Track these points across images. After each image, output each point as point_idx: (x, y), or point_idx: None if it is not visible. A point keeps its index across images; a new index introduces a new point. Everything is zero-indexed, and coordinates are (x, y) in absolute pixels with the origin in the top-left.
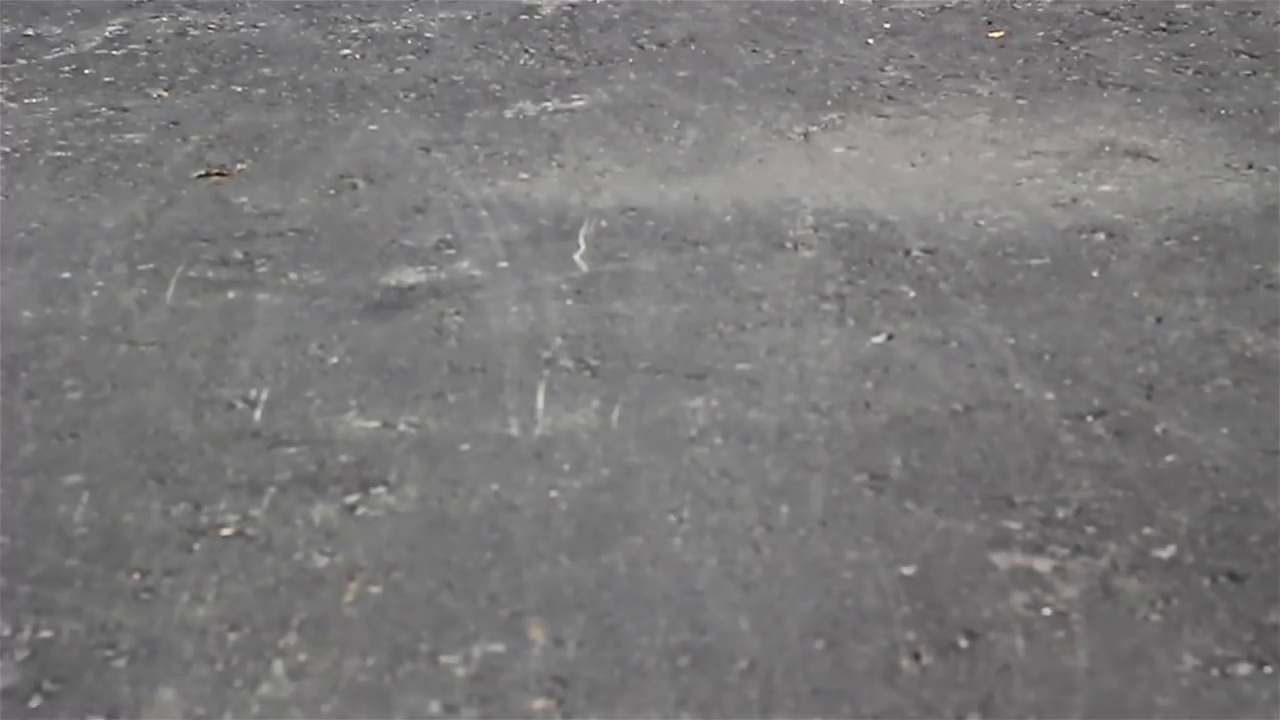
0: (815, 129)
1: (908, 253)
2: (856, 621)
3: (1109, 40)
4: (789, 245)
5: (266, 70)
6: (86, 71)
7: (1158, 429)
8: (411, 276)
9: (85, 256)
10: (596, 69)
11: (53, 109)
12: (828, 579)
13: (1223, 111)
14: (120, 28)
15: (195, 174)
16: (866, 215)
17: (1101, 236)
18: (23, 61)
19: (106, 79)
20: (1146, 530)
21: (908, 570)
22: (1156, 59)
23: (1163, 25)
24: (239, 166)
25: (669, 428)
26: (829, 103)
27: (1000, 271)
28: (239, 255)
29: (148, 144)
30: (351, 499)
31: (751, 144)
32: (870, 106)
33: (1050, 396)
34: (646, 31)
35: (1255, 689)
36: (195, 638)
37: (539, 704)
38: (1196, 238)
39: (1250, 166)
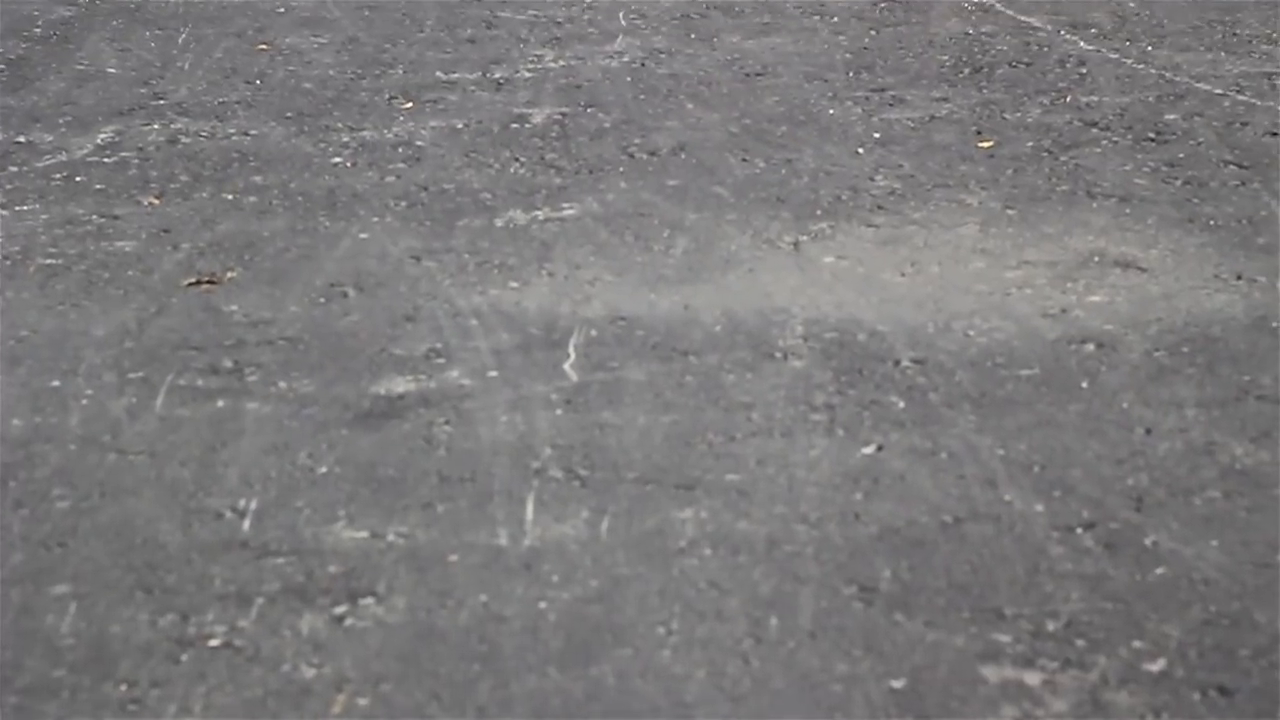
0: (805, 238)
1: (897, 363)
2: None
3: (1098, 150)
4: (779, 355)
5: (258, 178)
6: (78, 179)
7: (1147, 541)
8: (401, 385)
9: (75, 364)
10: (587, 178)
11: (44, 216)
12: (817, 692)
13: (1211, 222)
14: (112, 135)
15: (186, 282)
16: (856, 325)
17: (1091, 347)
18: (14, 169)
19: (98, 186)
20: (1136, 643)
21: (897, 683)
22: (1145, 169)
23: (1151, 136)
24: (229, 274)
25: (658, 539)
26: (819, 212)
27: (990, 382)
28: (229, 364)
29: (138, 251)
30: (340, 610)
31: (741, 253)
32: (860, 216)
33: (1040, 508)
34: (637, 140)
35: None
36: None
37: None
38: (1186, 349)
39: (1239, 277)
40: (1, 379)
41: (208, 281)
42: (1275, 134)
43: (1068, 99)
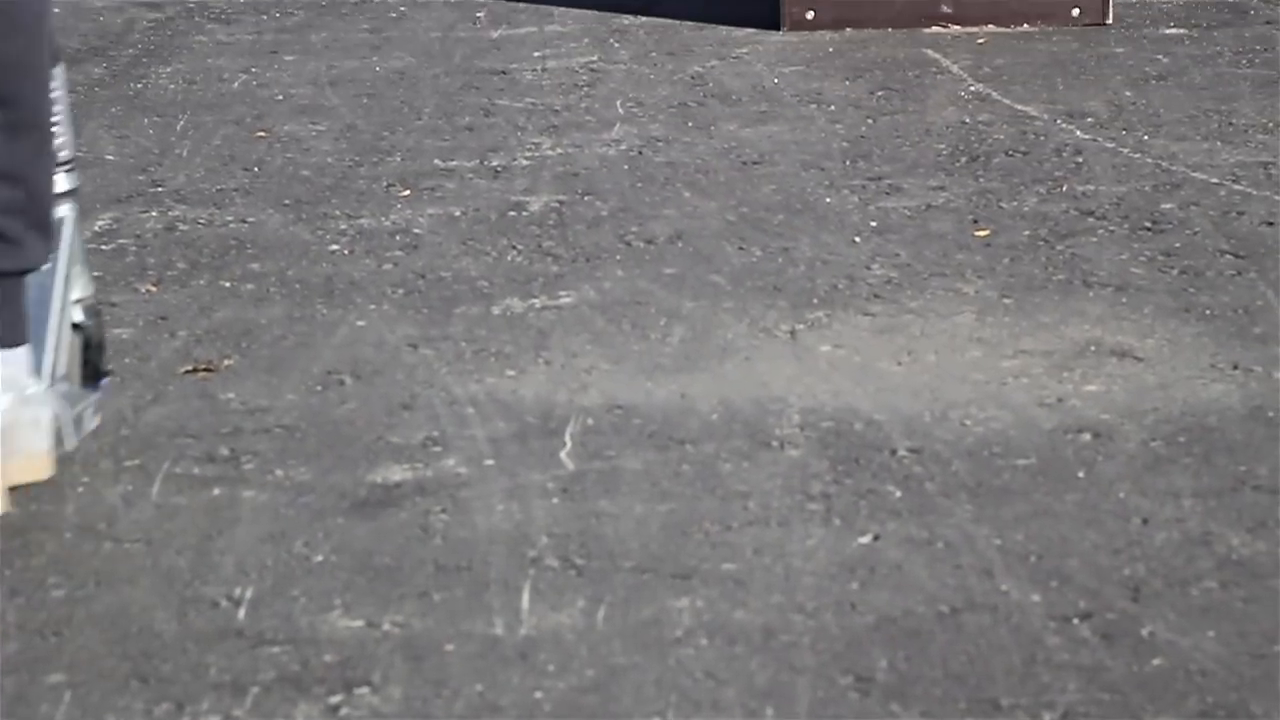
0: (802, 327)
1: (894, 452)
2: None
3: (1094, 240)
4: (775, 444)
5: (255, 265)
6: None
7: (1144, 632)
8: (398, 474)
9: (71, 452)
10: (584, 266)
11: None
12: None
13: (1208, 312)
14: (110, 223)
15: (182, 369)
16: (853, 414)
17: (1087, 437)
18: None
19: (95, 274)
20: None
21: None
22: (1142, 259)
23: (1148, 225)
24: (226, 362)
25: (654, 628)
26: (816, 301)
27: (986, 472)
28: (225, 452)
29: (135, 339)
30: (335, 699)
31: (738, 342)
32: (857, 305)
33: (1036, 598)
34: (634, 229)
35: None
36: None
37: None
38: (1182, 439)
39: (1236, 367)
40: None
41: (204, 369)
42: (1272, 224)
43: (1064, 188)
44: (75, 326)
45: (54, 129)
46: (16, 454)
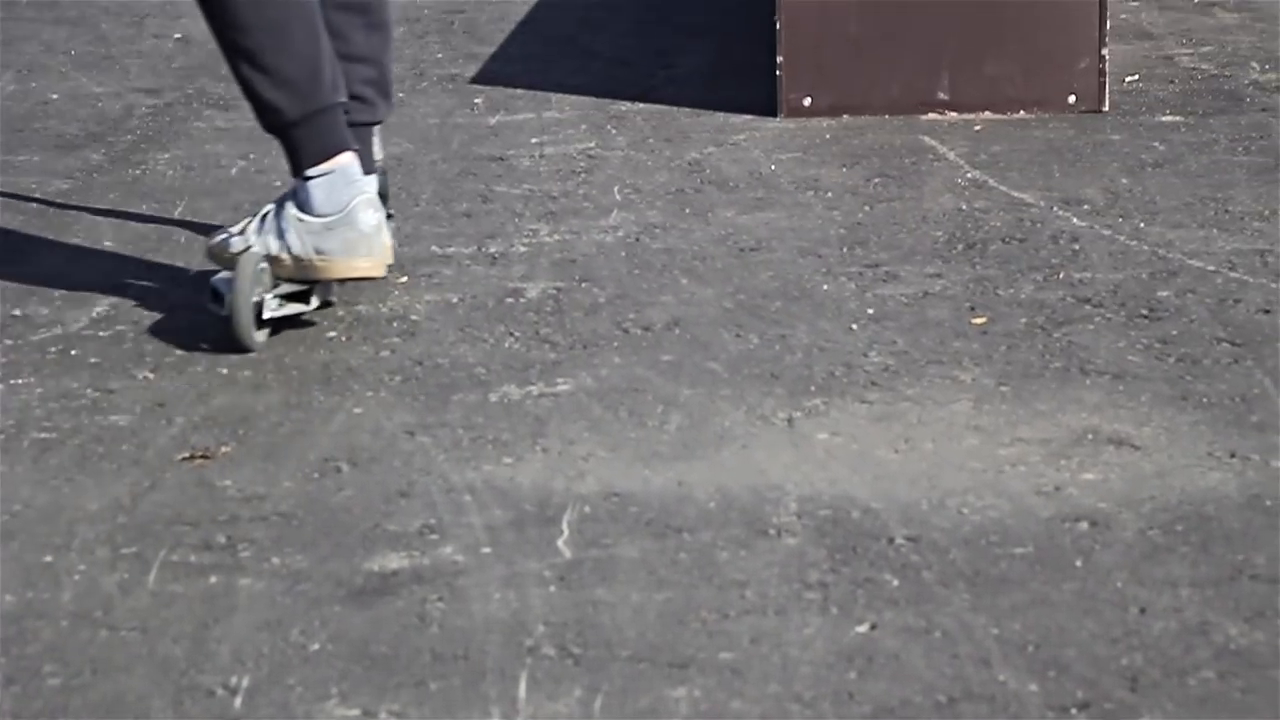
0: (799, 415)
1: (891, 541)
2: None
3: (1091, 327)
4: (772, 532)
5: (252, 353)
6: (73, 353)
7: None
8: (394, 562)
9: (68, 540)
10: (581, 353)
11: (39, 390)
12: None
13: (1205, 400)
14: (108, 309)
15: (179, 456)
16: (850, 502)
17: (1085, 525)
18: (9, 342)
19: (93, 360)
20: None
21: None
22: (1139, 346)
23: (1144, 313)
24: (223, 449)
25: (651, 718)
26: (813, 388)
27: (984, 560)
28: (222, 539)
29: (133, 426)
30: None
31: (735, 429)
32: (854, 392)
33: (1034, 688)
34: (631, 315)
35: None
36: None
37: None
38: (1180, 527)
39: (1233, 455)
40: None
41: (201, 456)
42: (1268, 311)
43: (1061, 275)
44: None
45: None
46: (386, 246)
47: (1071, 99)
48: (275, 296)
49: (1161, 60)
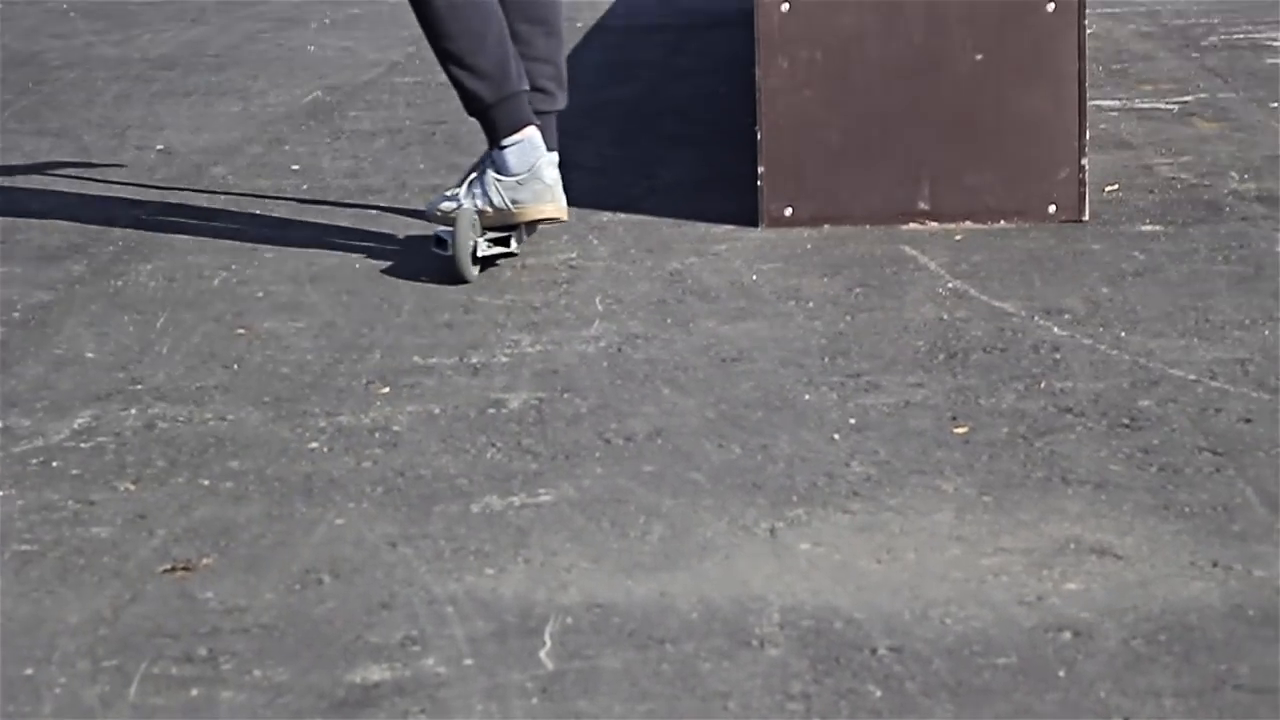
0: (781, 525)
1: (874, 651)
2: None
3: (1073, 436)
4: (755, 643)
5: (234, 463)
6: (54, 464)
7: None
8: (376, 674)
9: (49, 652)
10: (563, 463)
11: (19, 502)
12: None
13: (1187, 509)
14: (89, 420)
15: (161, 568)
16: (833, 613)
17: (1068, 635)
18: None
19: (74, 472)
20: None
21: None
22: (1120, 455)
23: (1126, 422)
24: (205, 561)
25: None
26: (795, 498)
27: (967, 671)
28: (203, 652)
29: (114, 538)
30: None
31: (718, 540)
32: (836, 502)
33: None
34: (613, 425)
35: None
36: None
37: None
38: (1163, 637)
39: (1215, 565)
40: None
41: (183, 568)
42: (1249, 420)
43: (1042, 385)
44: None
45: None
46: (563, 199)
47: (1052, 209)
48: (485, 240)
49: (1141, 170)
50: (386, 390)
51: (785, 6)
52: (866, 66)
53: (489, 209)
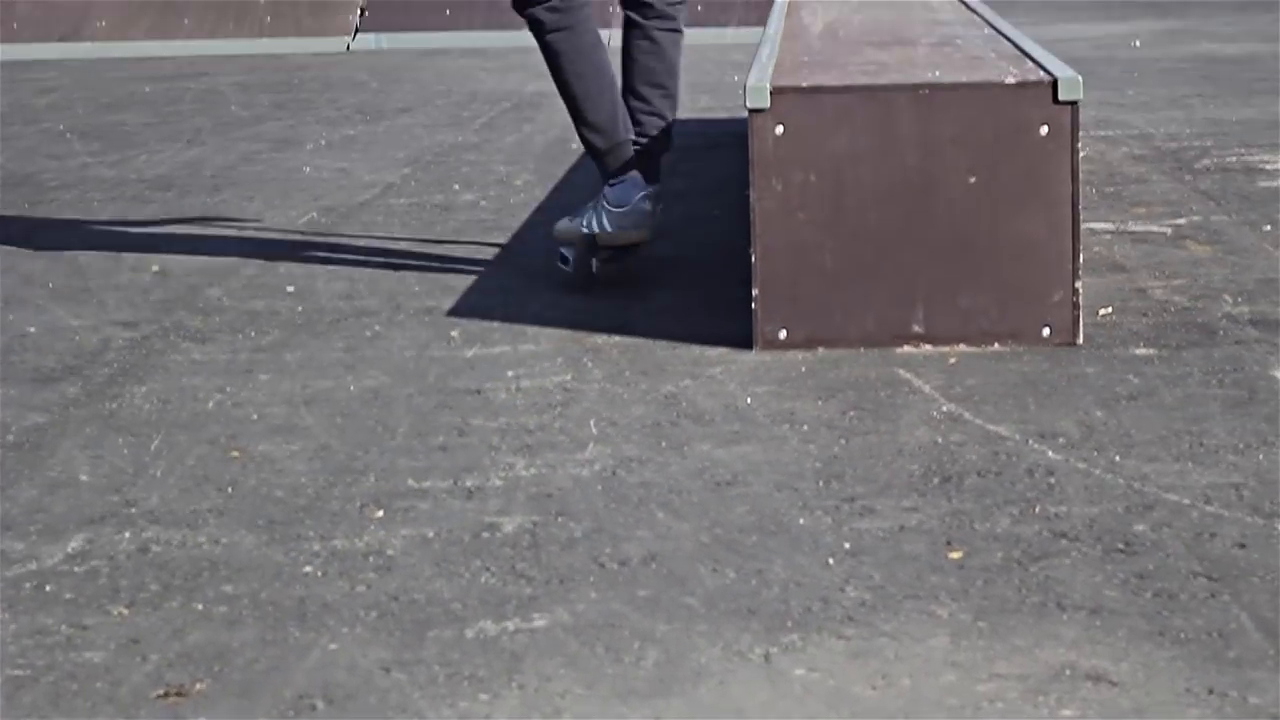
0: (776, 650)
1: None
2: None
3: (1068, 562)
4: None
5: (228, 588)
6: (48, 588)
7: None
8: None
9: None
10: (558, 588)
11: (12, 626)
12: None
13: (1182, 635)
14: (83, 544)
15: (154, 694)
16: None
17: None
18: None
19: (68, 596)
20: None
21: None
22: (1115, 581)
23: (1121, 547)
24: (198, 686)
25: None
26: (789, 624)
27: None
28: None
29: (107, 663)
30: None
31: (712, 665)
32: (831, 628)
33: None
34: (608, 550)
35: None
36: None
37: None
38: None
39: (1211, 692)
40: None
41: (176, 694)
42: (1244, 545)
43: (1037, 509)
44: None
45: None
46: (653, 226)
47: (1046, 332)
48: (597, 260)
49: (1135, 293)
50: (381, 514)
51: (779, 129)
52: (860, 189)
53: (601, 232)
